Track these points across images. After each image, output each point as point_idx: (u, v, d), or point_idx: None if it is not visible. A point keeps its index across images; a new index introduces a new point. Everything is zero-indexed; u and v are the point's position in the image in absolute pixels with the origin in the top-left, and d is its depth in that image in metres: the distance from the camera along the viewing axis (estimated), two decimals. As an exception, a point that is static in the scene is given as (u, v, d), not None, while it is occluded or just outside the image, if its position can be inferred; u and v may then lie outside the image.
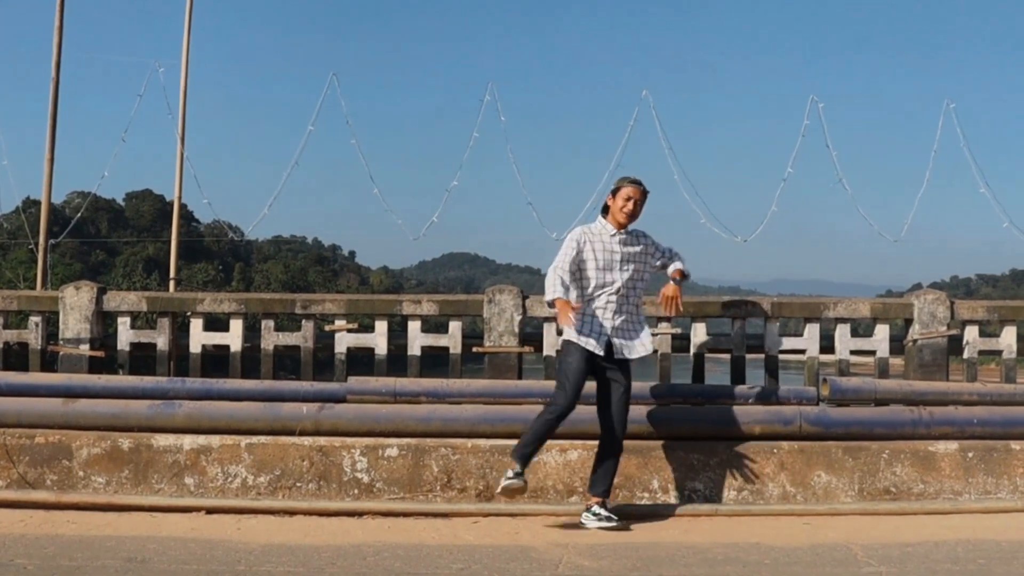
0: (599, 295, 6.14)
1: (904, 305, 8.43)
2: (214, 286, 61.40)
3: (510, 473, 5.87)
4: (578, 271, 6.16)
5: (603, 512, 5.91)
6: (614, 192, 6.22)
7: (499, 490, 5.91)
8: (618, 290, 6.14)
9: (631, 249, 6.23)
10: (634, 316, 6.25)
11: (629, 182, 6.21)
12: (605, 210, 6.28)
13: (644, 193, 6.21)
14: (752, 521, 6.16)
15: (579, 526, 5.89)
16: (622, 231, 6.22)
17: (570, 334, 6.09)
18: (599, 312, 6.12)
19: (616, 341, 6.12)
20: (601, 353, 6.06)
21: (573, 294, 6.08)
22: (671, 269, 6.42)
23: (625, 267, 6.18)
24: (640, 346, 6.22)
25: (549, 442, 6.47)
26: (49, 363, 8.72)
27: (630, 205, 6.15)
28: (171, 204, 16.44)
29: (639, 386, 7.34)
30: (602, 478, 6.05)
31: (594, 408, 6.15)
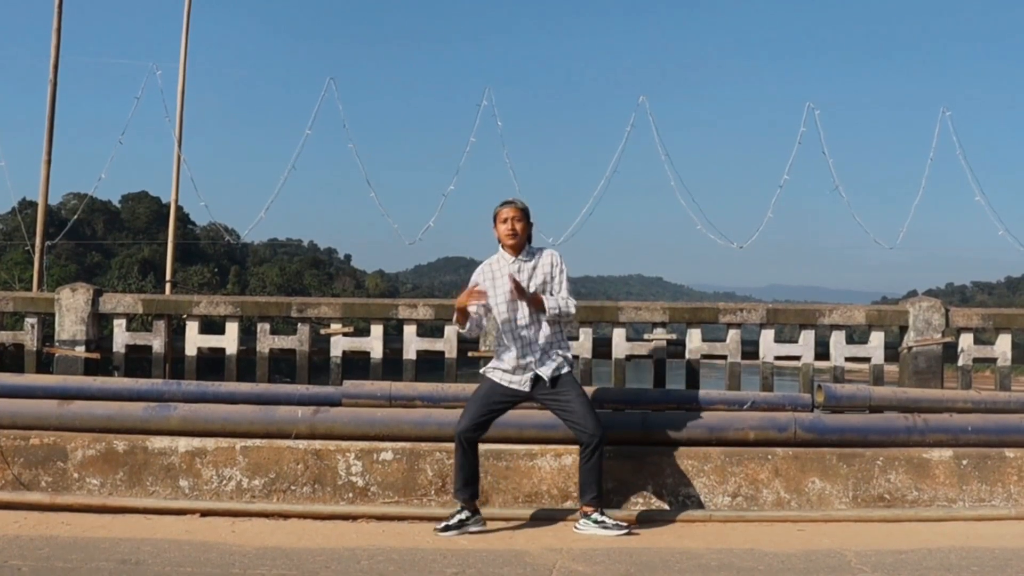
0: (512, 328, 5.91)
1: (899, 312, 8.45)
2: (210, 289, 61.26)
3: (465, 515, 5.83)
4: (487, 311, 6.02)
5: (606, 519, 5.84)
6: (494, 220, 6.01)
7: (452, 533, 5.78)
8: (530, 317, 5.89)
9: (532, 272, 5.95)
10: (555, 339, 5.96)
11: (503, 204, 6.00)
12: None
13: (521, 210, 5.97)
14: (746, 527, 6.17)
15: (576, 531, 5.88)
16: (518, 256, 5.98)
17: (492, 372, 5.98)
18: (516, 346, 5.89)
19: (541, 371, 5.89)
20: (527, 390, 5.92)
21: (490, 336, 5.96)
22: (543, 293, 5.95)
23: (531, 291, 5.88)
24: (551, 361, 5.91)
25: (543, 447, 6.49)
26: (45, 365, 8.72)
27: (508, 225, 5.92)
28: (167, 206, 16.43)
29: (633, 391, 7.36)
30: (585, 484, 5.89)
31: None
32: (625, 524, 5.87)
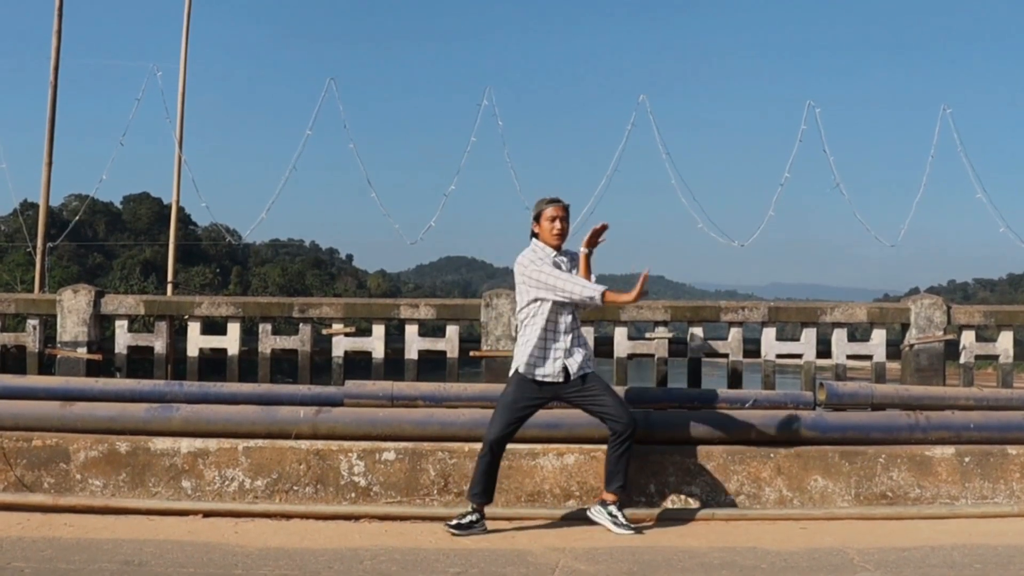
0: (556, 319, 5.96)
1: (901, 310, 8.46)
2: (211, 290, 61.31)
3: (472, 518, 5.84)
4: (535, 298, 5.99)
5: (620, 516, 5.86)
6: (537, 217, 6.05)
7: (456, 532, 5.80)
8: (572, 312, 6.00)
9: (568, 266, 6.05)
10: (580, 335, 6.09)
11: (548, 202, 6.06)
12: (534, 237, 6.11)
13: (566, 209, 6.07)
14: (749, 525, 6.17)
15: (590, 523, 5.89)
16: (559, 253, 6.06)
17: (521, 366, 5.96)
18: (556, 337, 5.96)
19: (569, 362, 5.96)
20: (561, 380, 5.95)
21: (537, 323, 5.94)
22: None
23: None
24: (587, 361, 6.04)
25: (545, 446, 6.49)
26: (47, 366, 8.74)
27: (558, 224, 5.99)
28: (169, 207, 16.44)
29: (635, 390, 7.36)
30: (612, 473, 5.94)
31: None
32: (634, 527, 5.88)
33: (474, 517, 5.85)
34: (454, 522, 5.82)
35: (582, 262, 6.00)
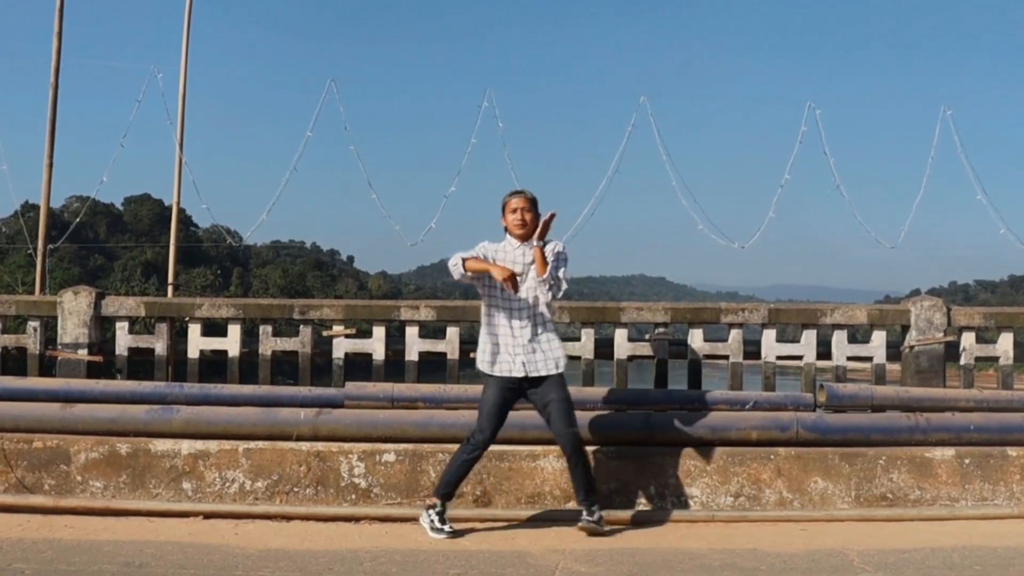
0: (506, 311, 5.92)
1: (901, 311, 8.46)
2: (212, 291, 61.29)
3: (435, 518, 5.83)
4: (483, 288, 5.97)
5: (588, 518, 5.84)
6: (503, 210, 6.05)
7: (430, 531, 5.81)
8: (525, 304, 5.91)
9: (531, 261, 5.94)
10: (546, 331, 5.98)
11: (510, 194, 6.04)
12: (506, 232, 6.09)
13: (530, 200, 6.02)
14: (749, 527, 6.17)
15: (583, 529, 5.89)
16: (524, 244, 5.99)
17: (483, 366, 5.96)
18: (509, 332, 5.92)
19: (527, 359, 5.88)
20: (521, 375, 5.87)
21: (483, 317, 5.94)
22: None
23: (529, 280, 5.92)
24: (549, 362, 5.91)
25: (546, 447, 6.49)
26: (47, 368, 8.73)
27: (519, 215, 5.95)
28: (170, 208, 16.44)
29: (635, 392, 7.36)
30: (575, 486, 5.96)
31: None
32: (600, 528, 5.83)
33: (441, 508, 5.86)
34: (439, 527, 5.80)
35: (537, 255, 5.83)
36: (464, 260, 5.86)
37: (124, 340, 8.73)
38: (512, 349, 5.90)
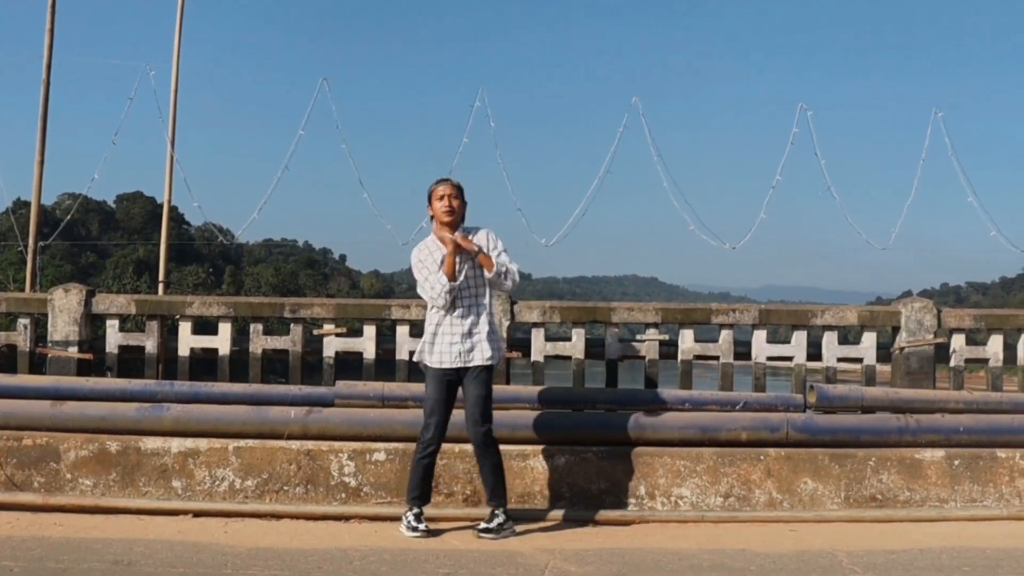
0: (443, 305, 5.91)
1: (891, 313, 8.49)
2: (204, 289, 61.18)
3: (411, 517, 5.82)
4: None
5: (486, 524, 5.80)
6: (429, 199, 6.02)
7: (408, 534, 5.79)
8: (459, 294, 5.89)
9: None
10: (480, 321, 5.94)
11: (438, 182, 6.01)
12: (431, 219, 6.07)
13: (456, 187, 5.97)
14: (739, 528, 6.18)
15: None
16: (453, 229, 5.93)
17: (423, 357, 5.97)
18: (448, 322, 5.90)
19: (462, 348, 5.89)
20: (457, 366, 5.87)
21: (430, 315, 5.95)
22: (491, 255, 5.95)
23: (463, 269, 5.90)
24: (485, 352, 5.90)
25: (535, 447, 6.49)
26: (37, 365, 8.72)
27: (445, 202, 5.92)
28: (162, 206, 16.41)
29: (626, 392, 7.37)
30: (484, 485, 5.99)
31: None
32: (497, 532, 5.78)
33: (418, 510, 5.87)
34: (421, 531, 5.79)
35: (481, 258, 5.86)
36: (442, 275, 5.82)
37: (115, 338, 8.71)
38: (451, 339, 5.90)
